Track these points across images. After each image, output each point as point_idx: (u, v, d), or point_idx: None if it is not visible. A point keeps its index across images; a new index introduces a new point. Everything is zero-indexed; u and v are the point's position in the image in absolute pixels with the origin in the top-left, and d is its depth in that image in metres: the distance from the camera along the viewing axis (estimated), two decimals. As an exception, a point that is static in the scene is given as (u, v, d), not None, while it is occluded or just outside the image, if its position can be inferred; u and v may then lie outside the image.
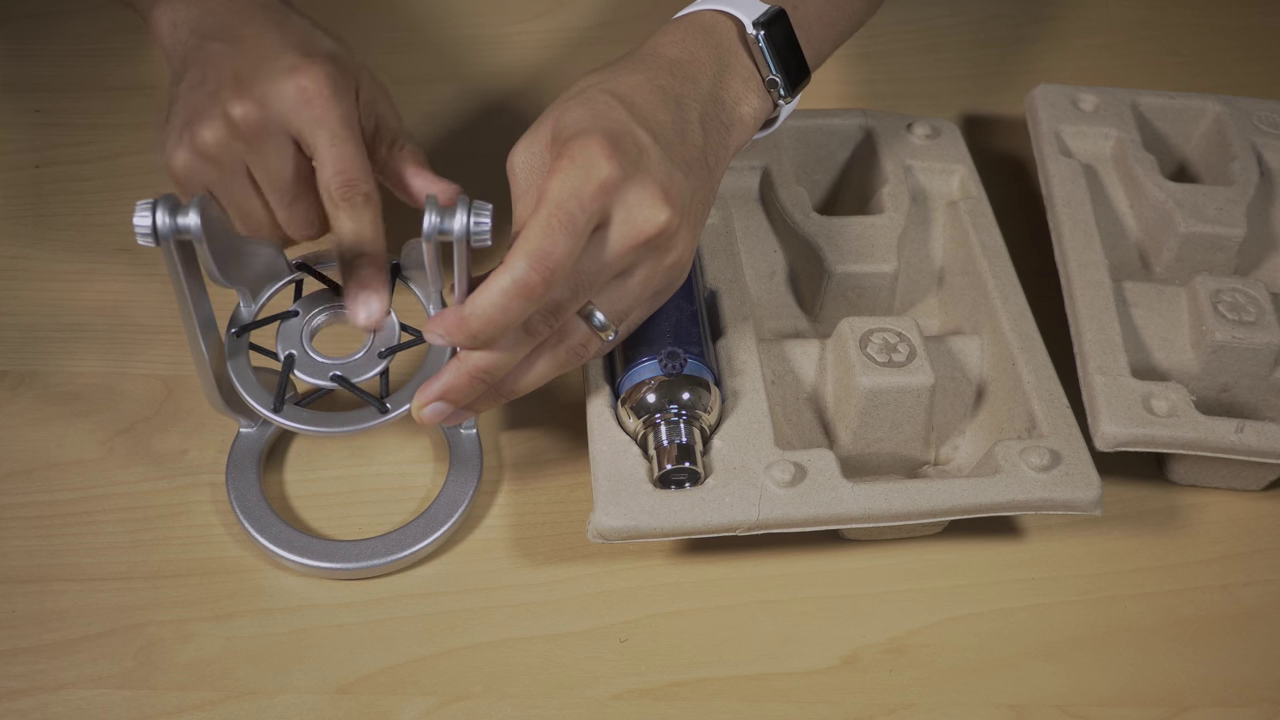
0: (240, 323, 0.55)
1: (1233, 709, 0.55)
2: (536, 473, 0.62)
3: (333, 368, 0.54)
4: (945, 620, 0.57)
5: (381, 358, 0.55)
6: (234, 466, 0.59)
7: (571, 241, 0.49)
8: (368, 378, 0.54)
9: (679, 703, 0.54)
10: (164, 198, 0.48)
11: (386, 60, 0.83)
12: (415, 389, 0.53)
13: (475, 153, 0.77)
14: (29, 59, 0.81)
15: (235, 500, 0.58)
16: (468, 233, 0.50)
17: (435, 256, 0.52)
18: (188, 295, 0.51)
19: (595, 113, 0.51)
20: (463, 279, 0.51)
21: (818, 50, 0.60)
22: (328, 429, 0.54)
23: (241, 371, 0.54)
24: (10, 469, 0.60)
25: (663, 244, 0.52)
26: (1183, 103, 0.74)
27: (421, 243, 0.51)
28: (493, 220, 0.50)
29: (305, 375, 0.54)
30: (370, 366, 0.55)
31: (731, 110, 0.56)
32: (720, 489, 0.54)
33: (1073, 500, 0.55)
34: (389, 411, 0.54)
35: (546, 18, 0.87)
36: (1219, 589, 0.59)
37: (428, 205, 0.50)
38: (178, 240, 0.49)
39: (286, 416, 0.54)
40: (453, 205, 0.50)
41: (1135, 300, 0.64)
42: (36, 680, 0.53)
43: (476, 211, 0.50)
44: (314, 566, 0.56)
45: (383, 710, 0.53)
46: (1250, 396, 0.63)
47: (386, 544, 0.57)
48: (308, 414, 0.54)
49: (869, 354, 0.59)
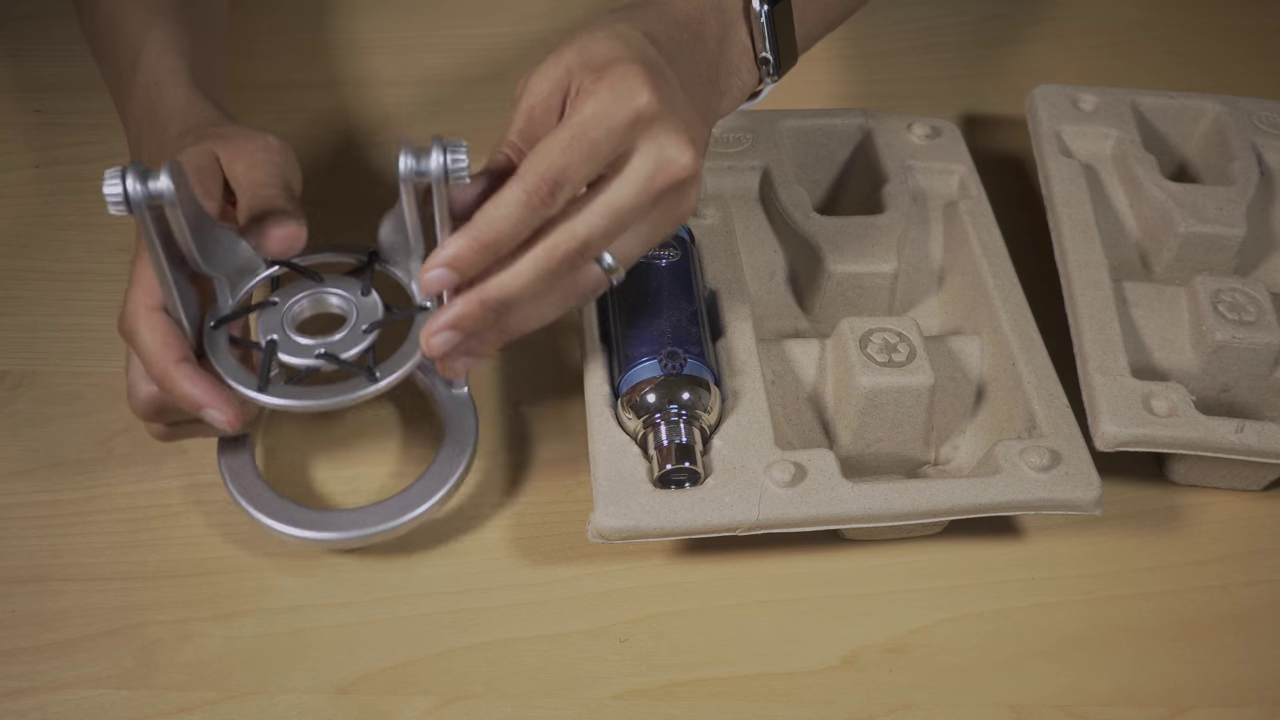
0: (218, 314, 0.54)
1: (1233, 709, 0.55)
2: (536, 473, 0.62)
3: (317, 347, 0.53)
4: (945, 620, 0.57)
5: (366, 333, 0.54)
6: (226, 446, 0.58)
7: (589, 166, 0.48)
8: (355, 353, 0.53)
9: (679, 703, 0.54)
10: (133, 164, 0.47)
11: (387, 60, 0.83)
12: (403, 359, 0.52)
13: (477, 153, 0.77)
14: (29, 59, 0.81)
15: (229, 478, 0.57)
16: (445, 171, 0.49)
17: (415, 201, 0.51)
18: (167, 271, 0.50)
19: (630, 46, 0.50)
20: (445, 219, 0.50)
21: (808, 34, 0.60)
22: (315, 401, 0.52)
23: (223, 359, 0.53)
24: (10, 469, 0.60)
25: (682, 190, 0.51)
26: (1183, 103, 0.74)
27: (401, 196, 0.50)
28: (469, 157, 0.49)
29: (290, 357, 0.53)
30: (356, 342, 0.53)
31: (727, 78, 0.56)
32: (720, 489, 0.54)
33: (1073, 500, 0.55)
34: (378, 380, 0.53)
35: (547, 18, 0.87)
36: (1219, 589, 0.59)
37: (402, 149, 0.49)
38: (151, 207, 0.48)
39: (273, 394, 0.52)
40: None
41: (1135, 300, 0.64)
42: (36, 680, 0.53)
43: (453, 149, 0.49)
44: (308, 537, 0.55)
45: (383, 710, 0.53)
46: (1250, 396, 0.63)
47: (382, 511, 0.56)
48: (294, 390, 0.53)
49: (869, 354, 0.59)
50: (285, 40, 0.84)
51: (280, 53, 0.83)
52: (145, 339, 0.52)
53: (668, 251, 0.61)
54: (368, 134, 0.78)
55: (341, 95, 0.80)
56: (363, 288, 0.55)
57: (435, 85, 0.82)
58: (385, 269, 0.56)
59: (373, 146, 0.77)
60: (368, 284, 0.55)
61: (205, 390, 0.51)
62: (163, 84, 0.59)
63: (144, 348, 0.52)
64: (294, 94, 0.80)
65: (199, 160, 0.54)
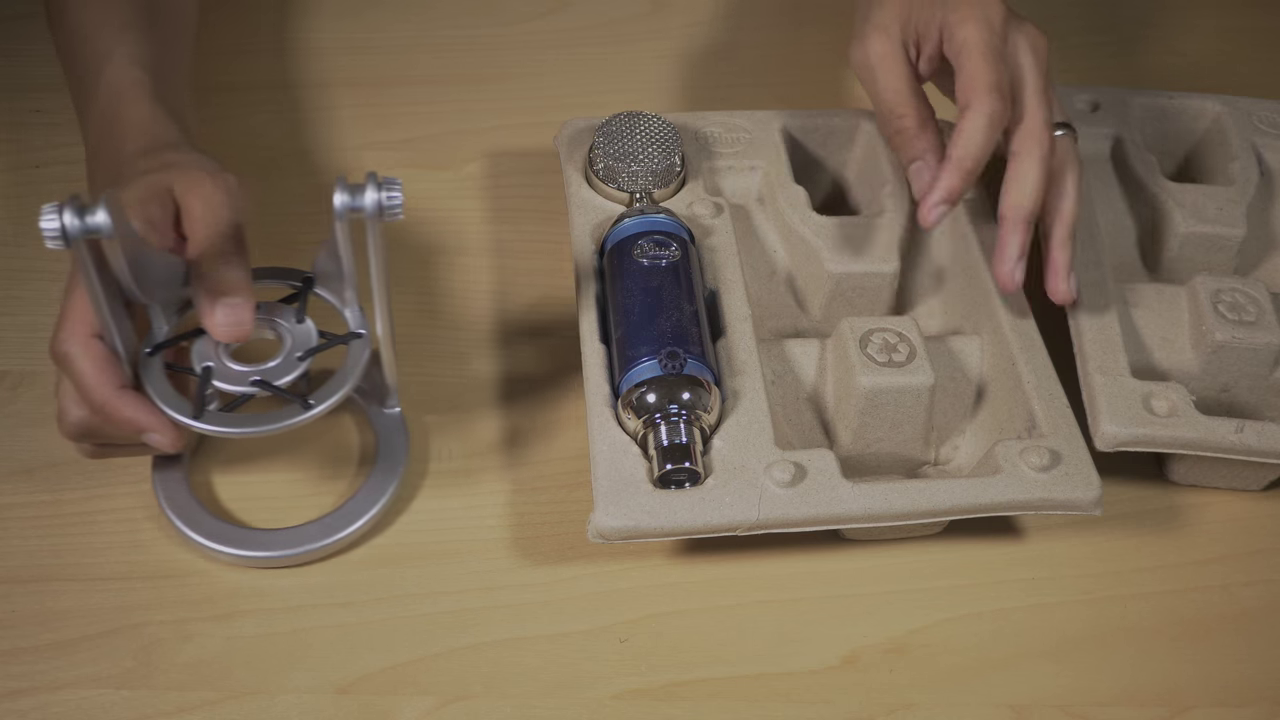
0: (154, 341, 0.55)
1: (1233, 709, 0.55)
2: (536, 473, 0.62)
3: (252, 374, 0.54)
4: (945, 620, 0.58)
5: (300, 360, 0.55)
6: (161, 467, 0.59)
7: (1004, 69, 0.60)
8: (289, 380, 0.54)
9: (679, 703, 0.54)
10: (70, 198, 0.47)
11: (387, 60, 0.83)
12: (336, 386, 0.54)
13: (477, 153, 0.77)
14: (29, 59, 0.81)
15: (162, 496, 0.58)
16: (380, 208, 0.49)
17: (347, 237, 0.52)
18: (103, 302, 0.50)
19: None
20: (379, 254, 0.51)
21: None
22: (250, 429, 0.53)
23: (158, 386, 0.53)
24: (10, 469, 0.60)
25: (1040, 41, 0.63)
26: (1183, 103, 0.74)
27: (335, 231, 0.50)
28: (403, 194, 0.50)
29: (225, 384, 0.54)
30: (290, 369, 0.54)
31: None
32: (720, 489, 0.54)
33: (1073, 500, 0.55)
34: (312, 408, 0.53)
35: (547, 18, 0.87)
36: (1219, 589, 0.59)
37: (337, 185, 0.49)
38: (88, 242, 0.48)
39: (207, 422, 0.53)
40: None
41: (1135, 300, 0.64)
42: (36, 680, 0.53)
43: (387, 186, 0.49)
44: (242, 556, 0.56)
45: (382, 710, 0.53)
46: (1250, 396, 0.63)
47: (312, 531, 0.57)
48: (229, 417, 0.53)
49: (869, 354, 0.59)
50: (285, 40, 0.84)
51: (279, 53, 0.83)
52: (82, 366, 0.52)
53: (668, 251, 0.61)
54: (368, 134, 0.78)
55: (342, 95, 0.80)
56: (297, 314, 0.56)
57: (436, 85, 0.82)
58: (320, 296, 0.57)
59: (373, 146, 0.77)
60: (301, 310, 0.56)
61: (147, 415, 0.53)
62: (124, 96, 0.59)
63: (81, 375, 0.52)
64: (294, 93, 0.80)
65: (153, 190, 0.54)
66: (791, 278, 0.68)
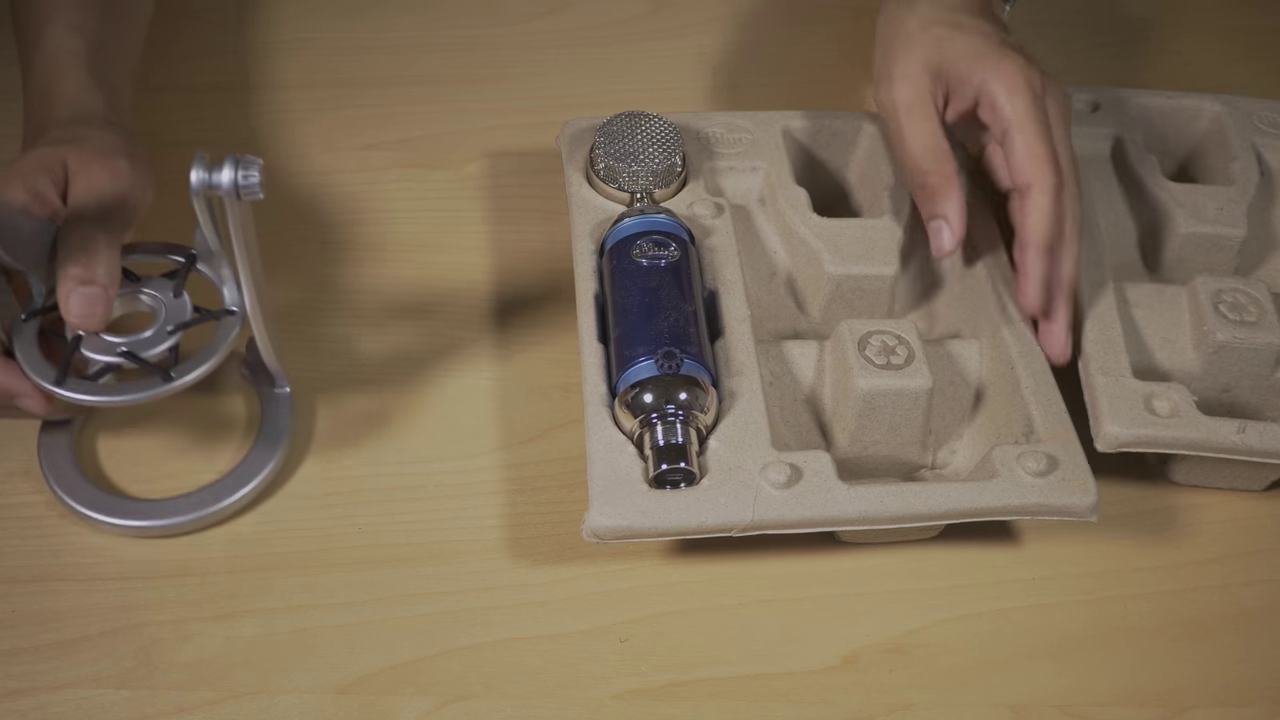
0: (32, 308, 0.56)
1: (1232, 709, 0.55)
2: (536, 473, 0.62)
3: (122, 345, 0.55)
4: (945, 620, 0.57)
5: (170, 334, 0.56)
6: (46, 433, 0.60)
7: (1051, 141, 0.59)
8: (157, 352, 0.55)
9: (679, 703, 0.54)
10: None
11: (387, 60, 0.83)
12: (201, 360, 0.55)
13: (478, 153, 0.77)
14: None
15: (45, 464, 0.59)
16: (236, 186, 0.50)
17: (208, 213, 0.53)
18: None
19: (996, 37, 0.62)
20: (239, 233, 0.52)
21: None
22: (109, 398, 0.54)
23: (27, 352, 0.55)
24: (10, 469, 0.60)
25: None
26: (1182, 103, 0.74)
27: (196, 208, 0.51)
28: (262, 175, 0.50)
29: (93, 353, 0.55)
30: (160, 341, 0.55)
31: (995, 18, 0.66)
32: (715, 489, 0.54)
33: (1069, 506, 0.55)
34: (172, 380, 0.55)
35: (547, 18, 0.87)
36: (1219, 589, 0.59)
37: (195, 162, 0.50)
38: None
39: (68, 388, 0.54)
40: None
41: (1136, 300, 0.63)
42: (36, 680, 0.53)
43: (244, 165, 0.50)
44: (123, 525, 0.57)
45: (383, 710, 0.53)
46: (1252, 397, 0.62)
47: (192, 501, 0.58)
48: (90, 385, 0.55)
49: (867, 356, 0.59)
50: (285, 40, 0.84)
51: (280, 53, 0.83)
52: None
53: (667, 251, 0.61)
54: (368, 134, 0.78)
55: (342, 95, 0.80)
56: (175, 288, 0.57)
57: (436, 85, 0.82)
58: (202, 271, 0.58)
59: (373, 146, 0.77)
60: (180, 285, 0.57)
61: (18, 381, 0.55)
62: (59, 63, 0.61)
63: None
64: (294, 93, 0.80)
65: (47, 161, 0.55)
66: (791, 279, 0.68)
